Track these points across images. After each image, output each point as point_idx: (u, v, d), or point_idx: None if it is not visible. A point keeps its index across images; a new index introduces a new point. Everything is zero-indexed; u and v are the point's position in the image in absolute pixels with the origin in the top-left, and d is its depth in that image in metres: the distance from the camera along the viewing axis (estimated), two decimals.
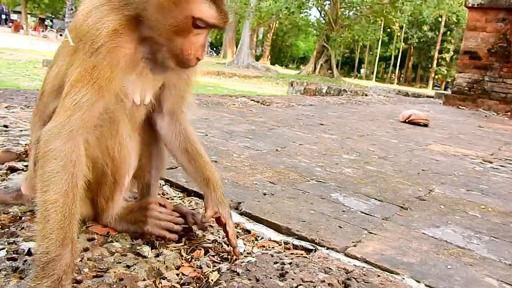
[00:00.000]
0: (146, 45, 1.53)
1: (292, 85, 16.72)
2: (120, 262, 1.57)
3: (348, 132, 5.46)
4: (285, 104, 7.65)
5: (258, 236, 2.03)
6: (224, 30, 46.42)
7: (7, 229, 1.69)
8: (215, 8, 1.42)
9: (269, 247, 1.90)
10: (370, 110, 9.14)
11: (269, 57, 54.92)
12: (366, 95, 14.22)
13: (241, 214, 2.24)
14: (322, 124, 5.83)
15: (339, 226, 2.19)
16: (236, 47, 43.09)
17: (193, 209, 2.22)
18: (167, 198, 2.33)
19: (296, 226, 2.12)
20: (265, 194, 2.54)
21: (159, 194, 2.36)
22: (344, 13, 38.59)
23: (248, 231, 2.06)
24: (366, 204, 2.61)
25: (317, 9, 38.81)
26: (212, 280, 1.54)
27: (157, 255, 1.66)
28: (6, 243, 1.58)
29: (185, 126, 1.87)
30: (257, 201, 2.40)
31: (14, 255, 1.51)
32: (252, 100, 7.70)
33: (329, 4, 38.10)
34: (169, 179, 2.57)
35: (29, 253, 1.53)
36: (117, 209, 1.81)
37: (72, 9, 40.88)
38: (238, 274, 1.56)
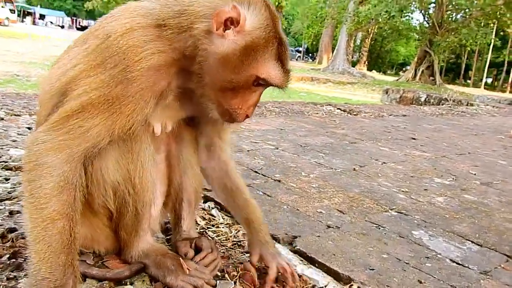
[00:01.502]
0: (182, 78, 1.31)
1: (387, 92, 15.69)
2: None
3: (445, 149, 4.73)
4: (374, 114, 7.01)
5: (310, 284, 1.62)
6: (321, 38, 46.15)
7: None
8: (280, 68, 1.30)
9: None
10: (475, 122, 8.08)
11: (366, 63, 53.03)
12: (471, 105, 12.78)
13: (295, 252, 1.85)
14: (414, 139, 5.16)
15: (419, 281, 1.70)
16: (332, 52, 42.27)
17: (238, 241, 1.89)
18: (213, 225, 2.03)
19: (361, 276, 1.67)
20: (328, 227, 2.11)
21: (204, 219, 2.07)
22: (451, 16, 35.94)
23: (299, 276, 1.66)
24: (459, 249, 2.06)
25: (420, 12, 36.53)
26: None
27: None
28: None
29: (225, 160, 1.67)
30: (317, 236, 1.98)
31: None
32: (338, 108, 7.20)
33: (434, 7, 35.68)
34: (219, 201, 2.25)
35: None
36: (143, 246, 1.53)
37: None
38: None
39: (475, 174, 3.73)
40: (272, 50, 1.27)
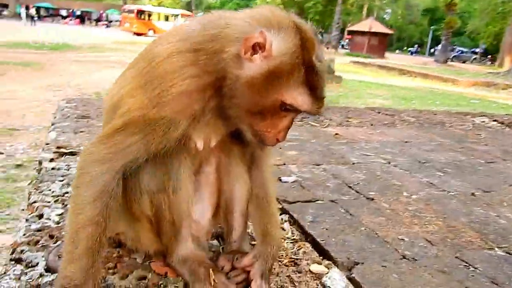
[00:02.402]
0: (217, 98, 1.34)
1: None
2: None
3: None
4: None
5: None
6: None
7: None
8: (309, 95, 1.29)
9: None
10: None
11: None
12: None
13: (349, 279, 1.71)
14: None
15: None
16: None
17: (296, 259, 1.84)
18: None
19: None
20: (403, 258, 1.90)
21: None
22: None
23: None
24: None
25: None
26: None
27: None
28: None
29: (264, 172, 1.68)
30: (382, 266, 1.80)
31: None
32: (494, 120, 6.32)
33: None
34: (294, 215, 2.21)
35: None
36: (182, 252, 1.60)
37: (338, 23, 43.85)
38: None
39: None
40: (299, 76, 1.26)
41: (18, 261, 1.61)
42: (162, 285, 1.53)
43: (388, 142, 4.14)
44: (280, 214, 2.25)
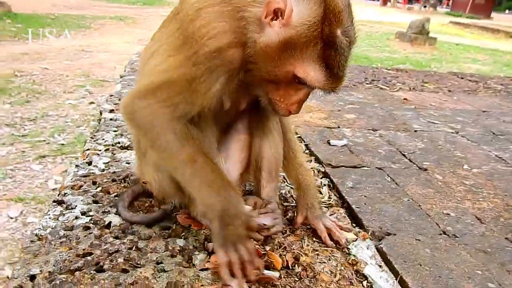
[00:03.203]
0: (244, 58, 1.31)
1: None
2: (160, 263, 1.45)
3: None
4: None
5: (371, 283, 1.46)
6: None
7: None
8: (324, 72, 1.22)
9: None
10: None
11: None
12: None
13: (377, 249, 1.66)
14: None
15: None
16: None
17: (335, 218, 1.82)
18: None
19: None
20: (443, 234, 1.79)
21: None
22: None
23: (364, 276, 1.51)
24: None
25: None
26: None
27: (206, 269, 1.44)
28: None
29: (285, 126, 1.72)
30: (416, 239, 1.72)
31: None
32: None
33: None
34: (334, 180, 2.16)
35: (108, 225, 1.64)
36: None
37: None
38: None
39: None
40: (315, 50, 1.19)
41: (60, 203, 1.78)
42: (183, 237, 1.60)
43: (462, 111, 3.83)
44: (321, 178, 2.22)
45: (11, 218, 2.19)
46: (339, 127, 3.00)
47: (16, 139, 3.17)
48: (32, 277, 1.38)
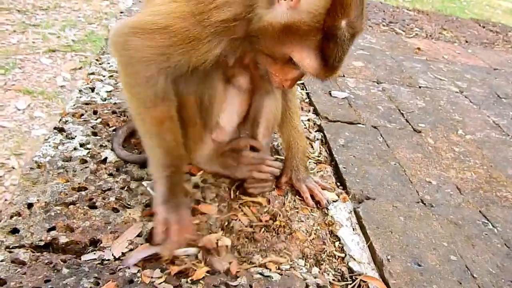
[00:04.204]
0: (249, 37, 1.30)
1: None
2: (148, 206, 1.56)
3: None
4: None
5: (341, 256, 1.58)
6: None
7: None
8: (319, 61, 1.23)
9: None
10: None
11: None
12: None
13: (354, 212, 1.76)
14: None
15: None
16: None
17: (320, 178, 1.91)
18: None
19: (396, 270, 1.51)
20: (420, 202, 1.88)
21: None
22: None
23: (337, 238, 1.62)
24: None
25: None
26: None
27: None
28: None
29: (288, 90, 1.74)
30: (393, 206, 1.81)
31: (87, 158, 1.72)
32: None
33: None
34: (327, 136, 2.22)
35: (104, 161, 1.73)
36: (207, 151, 1.74)
37: None
38: None
39: None
40: (314, 39, 1.19)
41: (61, 130, 1.85)
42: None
43: (473, 67, 3.75)
44: (315, 131, 2.27)
45: (19, 109, 2.25)
46: (344, 75, 2.98)
47: (27, 27, 3.13)
48: (30, 205, 1.49)
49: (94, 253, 1.36)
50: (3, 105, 2.23)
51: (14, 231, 1.39)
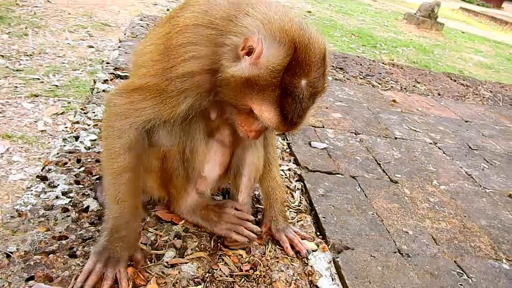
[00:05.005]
0: (215, 88, 1.38)
1: None
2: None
3: None
4: None
5: None
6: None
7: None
8: (279, 115, 1.29)
9: None
10: None
11: None
12: None
13: (334, 262, 1.79)
14: None
15: None
16: None
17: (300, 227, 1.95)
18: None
19: None
20: (397, 252, 1.93)
21: None
22: None
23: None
24: None
25: None
26: None
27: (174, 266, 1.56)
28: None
29: (266, 139, 1.83)
30: (371, 256, 1.85)
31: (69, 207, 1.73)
32: None
33: None
34: (307, 185, 2.27)
35: (86, 209, 1.74)
36: (190, 202, 1.78)
37: None
38: None
39: None
40: (272, 94, 1.26)
41: (43, 179, 1.86)
42: (156, 229, 1.71)
43: (446, 119, 3.93)
44: (296, 181, 2.33)
45: None
46: (323, 126, 3.09)
47: (10, 72, 3.15)
48: (8, 255, 1.48)
49: None
50: None
51: None
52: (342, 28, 8.39)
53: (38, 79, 3.14)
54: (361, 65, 5.21)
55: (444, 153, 3.14)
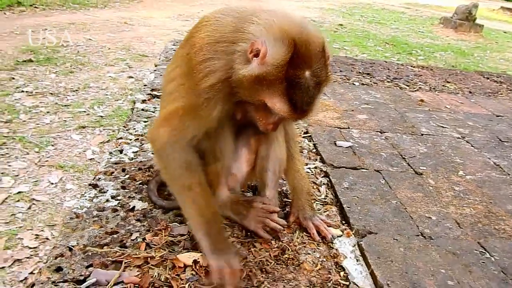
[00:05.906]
0: (234, 90, 1.57)
1: None
2: (173, 245, 1.78)
3: None
4: None
5: (346, 284, 1.73)
6: None
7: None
8: (289, 105, 1.45)
9: None
10: None
11: None
12: None
13: (358, 245, 1.93)
14: None
15: None
16: None
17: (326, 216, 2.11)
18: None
19: None
20: (420, 235, 2.03)
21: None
22: None
23: (342, 268, 1.79)
24: None
25: None
26: None
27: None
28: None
29: (289, 134, 2.02)
30: (394, 239, 1.97)
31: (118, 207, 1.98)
32: None
33: None
34: (333, 180, 2.43)
35: (132, 209, 1.99)
36: (222, 197, 1.97)
37: None
38: None
39: None
40: (280, 86, 1.43)
41: (95, 186, 2.13)
42: None
43: (476, 115, 3.96)
44: (322, 177, 2.49)
45: (52, 183, 2.44)
46: (349, 127, 3.23)
47: (59, 108, 3.43)
48: (70, 248, 1.73)
49: None
50: (37, 180, 2.46)
51: (58, 269, 1.62)
52: (376, 38, 8.45)
53: (85, 111, 3.43)
54: (388, 69, 5.30)
55: (472, 146, 3.20)
